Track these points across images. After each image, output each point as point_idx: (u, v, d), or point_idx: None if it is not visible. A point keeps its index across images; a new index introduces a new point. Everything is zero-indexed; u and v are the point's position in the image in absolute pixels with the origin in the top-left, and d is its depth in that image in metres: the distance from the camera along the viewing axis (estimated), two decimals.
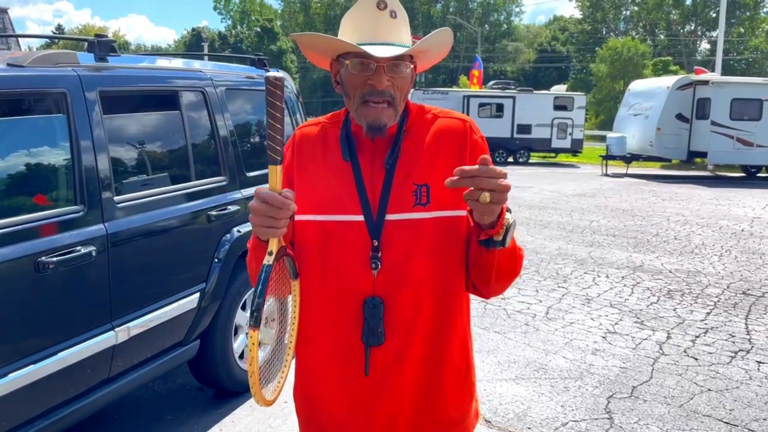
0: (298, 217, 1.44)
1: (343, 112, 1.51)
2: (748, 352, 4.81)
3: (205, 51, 43.96)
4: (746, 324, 5.46)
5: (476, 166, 1.19)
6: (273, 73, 1.24)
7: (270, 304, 1.40)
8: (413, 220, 1.40)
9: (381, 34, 1.39)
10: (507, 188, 1.20)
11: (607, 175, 19.22)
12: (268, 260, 1.27)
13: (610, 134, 21.03)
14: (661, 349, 4.84)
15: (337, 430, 1.47)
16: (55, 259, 2.55)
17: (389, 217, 1.40)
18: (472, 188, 1.19)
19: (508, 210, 1.30)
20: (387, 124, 1.40)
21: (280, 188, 1.28)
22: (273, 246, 1.29)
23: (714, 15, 54.22)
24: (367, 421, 1.44)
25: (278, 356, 1.43)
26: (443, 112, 1.52)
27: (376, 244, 1.39)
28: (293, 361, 1.54)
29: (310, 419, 1.52)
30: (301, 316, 1.48)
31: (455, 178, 1.20)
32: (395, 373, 1.42)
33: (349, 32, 1.42)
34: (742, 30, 56.67)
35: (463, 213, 1.42)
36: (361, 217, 1.40)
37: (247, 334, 1.30)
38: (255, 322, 1.22)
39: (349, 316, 1.41)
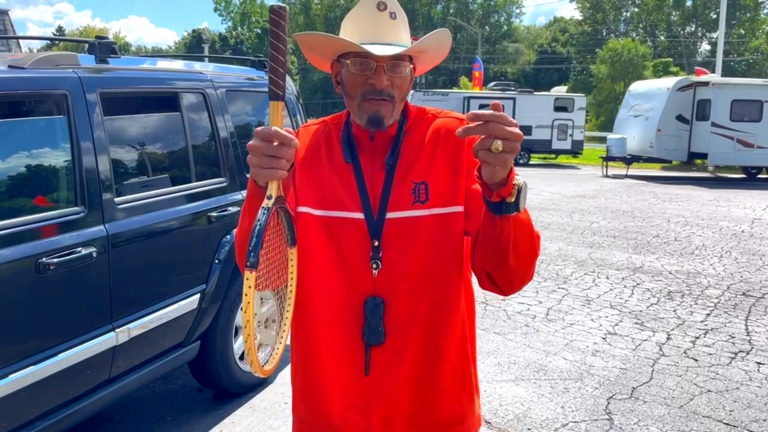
0: (300, 209, 1.45)
1: (345, 113, 1.53)
2: (748, 353, 4.81)
3: (206, 52, 44.00)
4: (746, 325, 5.46)
5: (489, 111, 1.14)
6: (277, 3, 1.21)
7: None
8: (412, 217, 1.42)
9: (381, 35, 1.41)
10: (520, 137, 1.15)
11: (607, 176, 19.22)
12: (266, 203, 1.20)
13: (610, 135, 21.03)
14: (661, 350, 4.84)
15: (335, 431, 1.47)
16: (55, 260, 2.56)
17: (389, 215, 1.41)
18: (483, 137, 1.14)
19: (517, 174, 1.23)
20: (386, 118, 1.41)
21: (281, 125, 1.22)
22: (272, 190, 1.22)
23: (714, 16, 54.23)
24: (365, 422, 1.45)
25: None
26: (442, 113, 1.54)
27: (376, 244, 1.40)
28: (290, 361, 1.55)
29: (306, 421, 1.52)
30: (300, 313, 1.49)
31: (468, 124, 1.15)
32: (394, 372, 1.43)
33: (349, 33, 1.43)
34: (742, 31, 56.68)
35: (460, 209, 1.42)
36: (361, 215, 1.42)
37: (245, 278, 1.14)
38: (252, 263, 1.13)
39: (350, 315, 1.42)
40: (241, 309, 1.15)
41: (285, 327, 1.36)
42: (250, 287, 1.13)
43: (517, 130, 1.14)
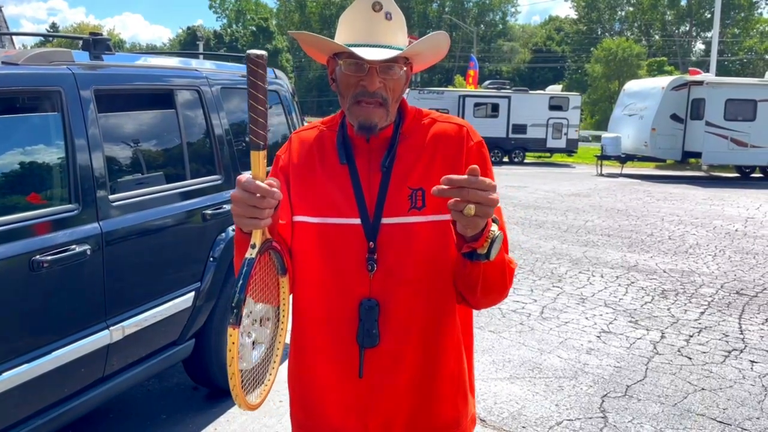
0: (296, 219, 1.45)
1: (339, 115, 1.52)
2: (741, 351, 4.83)
3: (200, 50, 43.86)
4: (740, 323, 5.48)
5: (464, 177, 1.14)
6: (254, 51, 1.16)
7: (263, 306, 1.38)
8: (409, 224, 1.40)
9: (375, 36, 1.40)
10: (494, 202, 1.16)
11: (602, 175, 19.27)
12: (250, 253, 1.21)
13: (605, 134, 21.08)
14: (655, 348, 4.86)
15: None
16: (49, 257, 2.54)
17: (385, 220, 1.40)
18: (456, 199, 1.15)
19: (495, 221, 1.25)
20: (378, 124, 1.40)
21: (263, 176, 1.21)
22: (256, 238, 1.23)
23: (709, 16, 54.40)
24: (362, 425, 1.44)
25: (266, 358, 1.40)
26: (441, 117, 1.52)
27: (372, 246, 1.39)
28: (284, 365, 1.54)
29: (305, 424, 1.51)
30: (297, 317, 1.48)
31: (443, 187, 1.15)
32: (390, 375, 1.42)
33: (344, 32, 1.42)
34: (736, 31, 56.90)
35: None
36: (357, 220, 1.41)
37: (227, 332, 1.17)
38: (235, 319, 1.14)
39: (345, 317, 1.41)
40: (228, 363, 1.16)
41: (275, 361, 1.40)
42: (233, 343, 1.14)
43: (493, 196, 1.16)
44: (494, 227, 1.24)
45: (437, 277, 1.42)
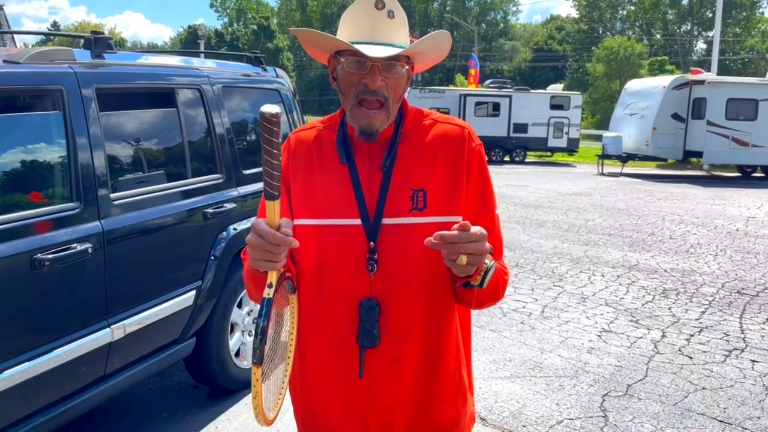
0: (296, 222, 1.44)
1: (339, 114, 1.51)
2: (742, 350, 4.83)
3: (201, 49, 43.86)
4: (741, 323, 5.48)
5: (456, 233, 1.20)
6: (268, 108, 1.21)
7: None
8: (409, 224, 1.40)
9: (378, 34, 1.40)
10: (485, 252, 1.23)
11: (603, 174, 19.25)
12: (268, 293, 1.25)
13: (606, 133, 21.06)
14: (656, 347, 4.86)
15: None
16: (51, 256, 2.55)
17: (386, 221, 1.40)
18: (448, 251, 1.22)
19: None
20: (379, 129, 1.41)
21: (278, 222, 1.26)
22: (272, 278, 1.27)
23: (710, 15, 54.34)
24: (363, 425, 1.44)
25: (276, 373, 1.41)
26: (442, 118, 1.52)
27: (372, 246, 1.39)
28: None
29: (307, 423, 1.52)
30: (298, 318, 1.49)
31: (435, 241, 1.21)
32: (390, 375, 1.42)
33: (346, 30, 1.42)
34: (738, 30, 56.81)
35: (458, 218, 1.41)
36: (358, 221, 1.40)
37: (251, 362, 1.26)
38: (258, 359, 1.21)
39: (345, 317, 1.41)
40: (252, 397, 1.25)
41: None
42: (258, 380, 1.22)
43: (483, 246, 1.23)
44: (487, 260, 1.30)
45: (437, 278, 1.42)
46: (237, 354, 3.89)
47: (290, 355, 1.44)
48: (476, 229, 1.21)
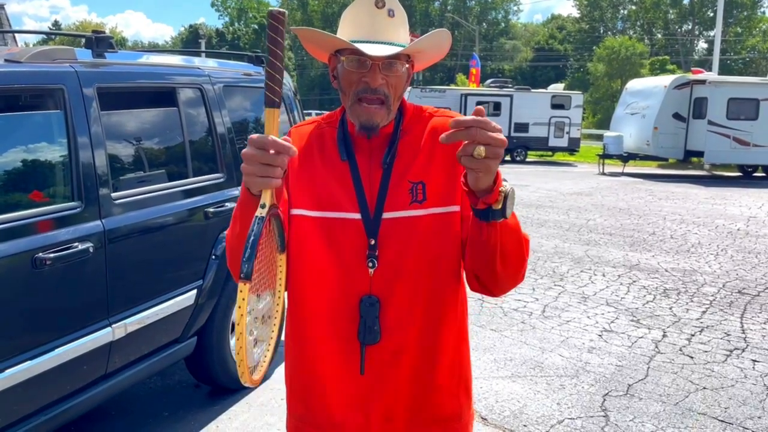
0: (294, 212, 1.44)
1: (339, 111, 1.52)
2: (743, 350, 4.83)
3: (203, 48, 43.89)
4: (741, 323, 5.48)
5: (472, 117, 1.14)
6: (276, 8, 1.17)
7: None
8: (409, 217, 1.41)
9: (378, 33, 1.40)
10: (503, 143, 1.16)
11: (604, 174, 19.24)
12: (260, 212, 1.18)
13: (607, 133, 21.05)
14: (656, 347, 4.86)
15: (335, 430, 1.47)
16: (52, 255, 2.55)
17: (386, 215, 1.41)
18: (466, 143, 1.15)
19: (504, 180, 1.25)
20: (380, 124, 1.41)
21: (277, 134, 1.20)
22: (266, 198, 1.20)
23: (711, 14, 54.30)
24: (364, 420, 1.44)
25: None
26: (439, 111, 1.52)
27: (373, 242, 1.39)
28: (285, 360, 1.55)
29: (306, 420, 1.51)
30: (295, 312, 1.48)
31: (451, 131, 1.15)
32: (391, 371, 1.42)
33: (347, 29, 1.43)
34: (739, 29, 56.76)
35: (457, 208, 1.42)
36: (358, 216, 1.41)
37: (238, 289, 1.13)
38: (246, 274, 1.12)
39: (346, 314, 1.41)
40: (234, 321, 1.13)
41: (273, 335, 1.37)
42: (243, 299, 1.12)
43: (501, 136, 1.15)
44: (505, 182, 1.23)
45: (438, 271, 1.42)
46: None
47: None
48: (492, 121, 1.15)
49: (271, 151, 1.18)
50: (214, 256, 3.55)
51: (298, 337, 1.49)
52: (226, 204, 3.64)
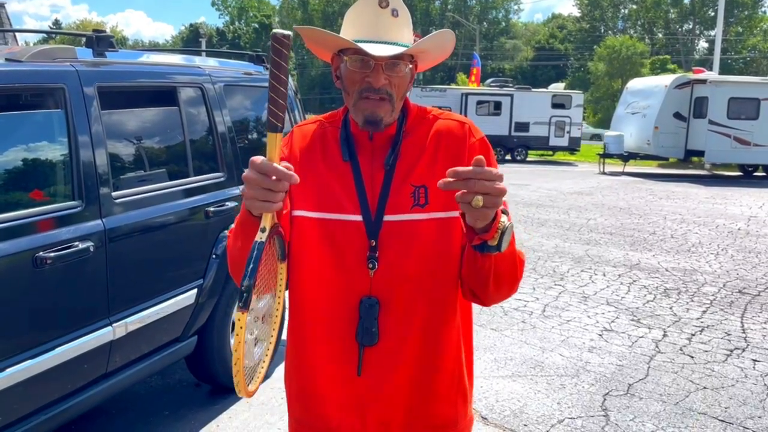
0: (296, 213, 1.43)
1: (342, 111, 1.51)
2: (743, 350, 4.83)
3: (203, 47, 43.86)
4: (742, 322, 5.48)
5: (470, 168, 1.13)
6: (280, 30, 1.14)
7: (266, 301, 1.36)
8: (411, 221, 1.40)
9: (381, 32, 1.39)
10: (502, 192, 1.15)
11: (604, 173, 19.24)
12: (260, 237, 1.17)
13: (607, 132, 21.04)
14: (657, 347, 4.86)
15: None
16: (52, 254, 2.55)
17: (387, 218, 1.40)
18: (463, 191, 1.14)
19: (504, 212, 1.23)
20: (383, 118, 1.40)
21: (278, 159, 1.18)
22: (266, 222, 1.19)
23: (712, 14, 54.26)
24: (360, 423, 1.44)
25: (257, 344, 1.36)
26: (443, 114, 1.51)
27: (373, 244, 1.39)
28: (285, 360, 1.54)
29: (303, 421, 1.51)
30: (295, 313, 1.48)
31: (449, 180, 1.15)
32: (388, 373, 1.42)
33: (350, 28, 1.42)
34: (740, 29, 56.73)
35: (457, 214, 1.41)
36: (359, 217, 1.40)
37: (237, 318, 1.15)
38: (245, 304, 1.12)
39: (345, 315, 1.41)
40: (233, 347, 1.14)
41: (270, 346, 1.37)
42: (241, 328, 1.12)
43: (500, 186, 1.14)
44: (504, 218, 1.23)
45: (438, 276, 1.41)
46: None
47: (274, 327, 1.38)
48: (492, 169, 1.14)
49: (273, 177, 1.18)
50: (214, 256, 3.55)
51: (297, 338, 1.49)
52: (227, 203, 3.64)
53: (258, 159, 1.18)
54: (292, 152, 1.49)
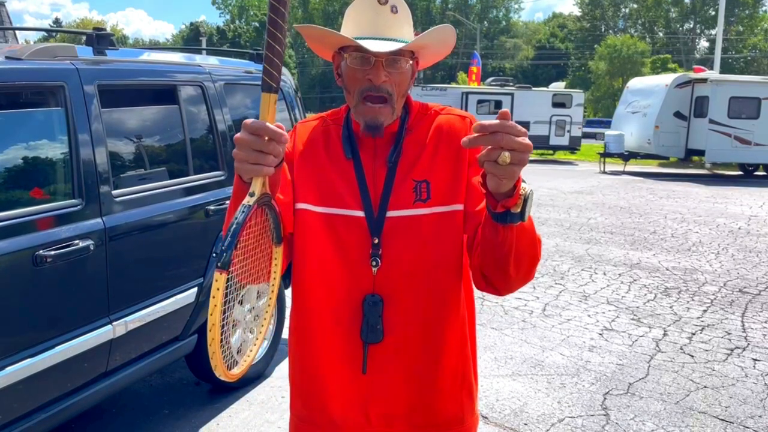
0: (299, 206, 1.44)
1: (344, 109, 1.51)
2: (744, 349, 4.83)
3: (203, 46, 43.85)
4: (742, 321, 5.47)
5: (497, 121, 1.08)
6: None
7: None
8: (413, 216, 1.40)
9: (381, 29, 1.39)
10: (529, 148, 1.09)
11: (604, 172, 19.23)
12: (248, 201, 1.13)
13: (608, 132, 21.03)
14: (657, 346, 4.85)
15: (335, 429, 1.46)
16: (52, 252, 2.55)
17: (390, 214, 1.40)
18: (489, 148, 1.08)
19: (524, 181, 1.19)
20: (384, 124, 1.40)
21: (272, 120, 1.15)
22: (256, 187, 1.15)
23: (713, 13, 54.23)
24: (365, 420, 1.44)
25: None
26: (445, 109, 1.51)
27: (376, 241, 1.39)
28: (288, 357, 1.54)
29: (306, 417, 1.51)
30: (299, 309, 1.48)
31: (473, 135, 1.09)
32: (393, 370, 1.42)
33: (350, 26, 1.42)
34: (740, 28, 56.70)
35: (460, 207, 1.41)
36: (361, 214, 1.40)
37: (213, 278, 1.08)
38: (223, 263, 1.06)
39: (349, 312, 1.41)
40: (209, 312, 1.08)
41: (261, 330, 1.36)
42: (218, 289, 1.06)
43: (527, 141, 1.09)
44: (524, 184, 1.18)
45: (441, 271, 1.41)
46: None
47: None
48: (517, 125, 1.09)
49: (265, 138, 1.15)
50: (215, 254, 3.54)
51: (301, 335, 1.49)
52: (227, 202, 3.63)
53: (250, 120, 1.15)
54: (296, 146, 1.49)
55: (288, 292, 1.47)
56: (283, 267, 1.39)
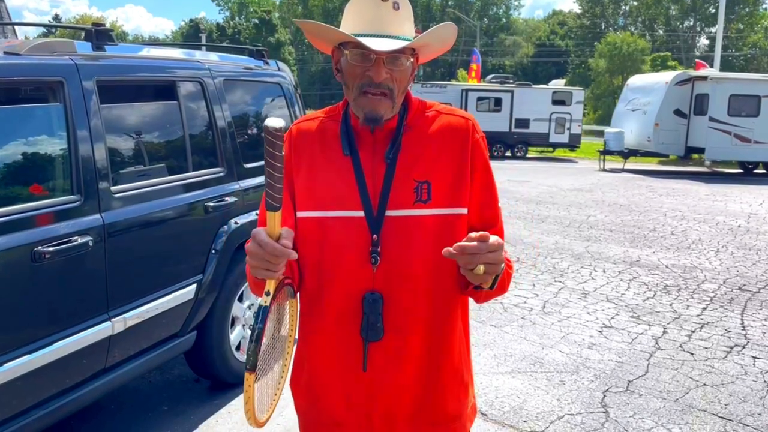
0: (299, 214, 1.44)
1: (342, 105, 1.50)
2: (743, 347, 4.83)
3: (203, 42, 43.74)
4: (742, 319, 5.47)
5: (476, 244, 1.20)
6: (272, 122, 1.20)
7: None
8: (413, 216, 1.39)
9: (382, 26, 1.38)
10: (502, 260, 1.25)
11: (604, 170, 19.23)
12: (264, 301, 1.25)
13: (608, 129, 21.03)
14: (657, 343, 4.85)
15: (337, 428, 1.46)
16: (51, 249, 2.54)
17: (389, 213, 1.39)
18: (466, 261, 1.22)
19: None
20: (384, 116, 1.39)
21: (278, 232, 1.26)
22: (270, 286, 1.27)
23: (713, 11, 54.15)
24: (366, 418, 1.44)
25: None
26: (446, 109, 1.50)
27: (375, 238, 1.38)
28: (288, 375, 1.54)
29: (309, 416, 1.51)
30: (301, 308, 1.48)
31: (453, 252, 1.21)
32: (393, 368, 1.42)
33: (350, 22, 1.40)
34: (741, 26, 56.67)
35: (463, 211, 1.41)
36: (361, 213, 1.39)
37: (244, 369, 1.27)
38: (252, 366, 1.21)
39: (349, 311, 1.40)
40: (243, 402, 1.25)
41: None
42: (250, 386, 1.22)
43: (500, 256, 1.25)
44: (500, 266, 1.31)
45: (441, 271, 1.41)
46: (238, 348, 3.88)
47: (287, 355, 1.43)
48: (494, 239, 1.22)
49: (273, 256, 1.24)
50: (214, 251, 3.54)
51: (303, 333, 1.49)
52: (226, 198, 3.63)
53: (259, 235, 1.24)
54: (292, 152, 1.48)
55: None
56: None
